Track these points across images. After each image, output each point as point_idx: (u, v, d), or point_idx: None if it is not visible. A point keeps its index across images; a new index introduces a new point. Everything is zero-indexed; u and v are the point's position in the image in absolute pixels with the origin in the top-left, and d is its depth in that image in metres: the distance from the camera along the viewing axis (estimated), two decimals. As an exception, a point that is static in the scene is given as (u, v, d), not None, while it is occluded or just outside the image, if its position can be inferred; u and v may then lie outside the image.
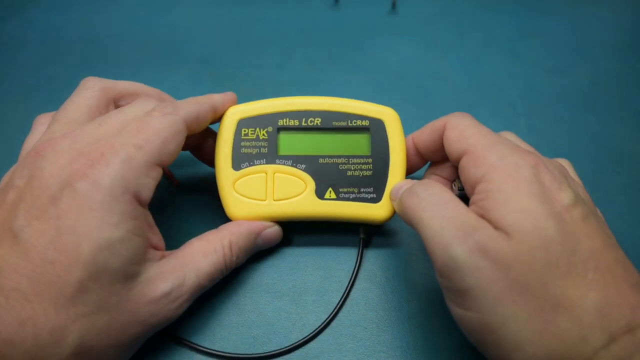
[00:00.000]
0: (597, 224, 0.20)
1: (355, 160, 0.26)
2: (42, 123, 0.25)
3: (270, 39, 0.44)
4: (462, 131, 0.23)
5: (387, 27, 0.45)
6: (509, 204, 0.19)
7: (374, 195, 0.26)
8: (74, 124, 0.23)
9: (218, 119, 0.27)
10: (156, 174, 0.22)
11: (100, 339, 0.19)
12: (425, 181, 0.23)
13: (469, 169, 0.22)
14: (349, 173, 0.26)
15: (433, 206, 0.21)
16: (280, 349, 0.24)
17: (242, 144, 0.26)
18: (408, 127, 0.35)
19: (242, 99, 0.38)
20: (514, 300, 0.18)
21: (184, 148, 0.25)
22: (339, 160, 0.26)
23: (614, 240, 0.20)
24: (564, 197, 0.19)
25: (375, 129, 0.27)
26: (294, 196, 0.26)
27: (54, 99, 0.27)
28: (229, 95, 0.27)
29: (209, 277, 0.23)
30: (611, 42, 0.43)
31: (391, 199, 0.25)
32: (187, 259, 0.23)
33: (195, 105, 0.24)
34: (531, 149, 0.24)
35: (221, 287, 0.26)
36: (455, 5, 0.47)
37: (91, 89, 0.25)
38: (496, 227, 0.19)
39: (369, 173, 0.26)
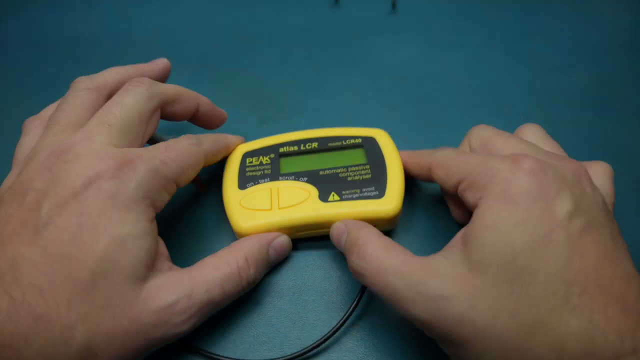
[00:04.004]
0: (597, 237, 0.18)
1: (353, 168, 0.27)
2: (34, 126, 0.25)
3: (270, 39, 0.44)
4: (447, 167, 0.23)
5: (387, 27, 0.45)
6: (485, 237, 0.19)
7: (377, 193, 0.26)
8: (75, 125, 0.23)
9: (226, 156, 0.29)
10: (172, 191, 0.23)
11: (104, 345, 0.19)
12: (359, 247, 0.22)
13: (467, 196, 0.22)
14: (350, 179, 0.27)
15: (375, 278, 0.20)
16: (287, 355, 0.23)
17: (247, 169, 0.28)
18: (408, 128, 0.35)
19: (242, 98, 0.38)
20: (483, 337, 0.18)
21: (181, 119, 0.28)
22: (339, 170, 0.27)
23: (620, 252, 0.19)
24: (560, 209, 0.18)
25: (368, 145, 0.29)
26: (299, 203, 0.26)
27: (54, 99, 0.27)
28: (240, 137, 0.30)
29: (222, 292, 0.22)
30: (611, 42, 0.43)
31: (334, 242, 0.25)
32: (196, 272, 0.22)
33: (215, 143, 0.27)
34: (553, 146, 0.24)
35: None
36: (455, 5, 0.47)
37: (85, 89, 0.25)
38: (465, 261, 0.19)
39: (368, 176, 0.27)
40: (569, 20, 0.45)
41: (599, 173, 0.23)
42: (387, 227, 0.27)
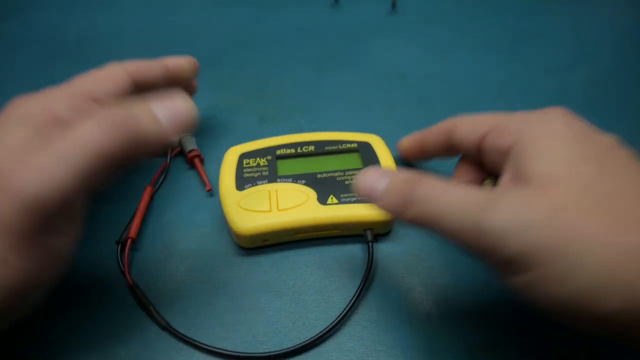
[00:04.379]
0: None
1: (350, 172, 0.28)
2: None
3: (270, 39, 0.44)
4: (473, 121, 0.24)
5: (387, 27, 0.45)
6: (544, 157, 0.18)
7: None
8: None
9: (175, 82, 0.28)
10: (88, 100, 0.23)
11: None
12: (410, 179, 0.20)
13: (495, 142, 0.21)
14: (347, 182, 0.27)
15: (443, 203, 0.18)
16: (284, 349, 0.23)
17: (245, 170, 0.28)
18: (408, 127, 0.35)
19: (242, 99, 0.38)
20: (579, 240, 0.16)
21: (160, 84, 0.27)
22: (336, 174, 0.28)
23: None
24: (605, 138, 0.19)
25: (363, 150, 0.29)
26: (298, 205, 0.26)
27: (54, 99, 0.27)
28: (187, 57, 0.29)
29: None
30: (611, 41, 0.43)
31: (364, 190, 0.21)
32: None
33: (142, 62, 0.26)
34: None
35: (221, 286, 0.26)
36: (455, 5, 0.47)
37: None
38: (531, 184, 0.18)
39: None
40: (569, 20, 0.45)
41: None
42: (385, 229, 0.27)
